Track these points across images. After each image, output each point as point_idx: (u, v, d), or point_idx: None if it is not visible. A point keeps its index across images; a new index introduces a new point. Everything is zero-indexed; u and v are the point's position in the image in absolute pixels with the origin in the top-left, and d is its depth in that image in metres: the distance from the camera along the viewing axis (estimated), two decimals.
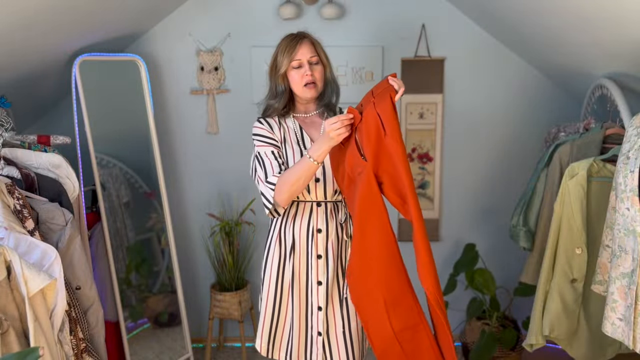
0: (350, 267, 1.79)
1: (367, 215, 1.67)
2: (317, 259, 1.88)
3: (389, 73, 2.90)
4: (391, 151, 1.56)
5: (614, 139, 2.12)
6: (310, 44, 1.83)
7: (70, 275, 1.79)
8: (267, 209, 1.82)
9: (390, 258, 1.71)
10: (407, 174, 1.54)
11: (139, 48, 2.88)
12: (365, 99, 1.67)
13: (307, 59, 1.81)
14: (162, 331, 2.86)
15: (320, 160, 1.67)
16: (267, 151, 1.83)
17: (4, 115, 1.94)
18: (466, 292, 2.97)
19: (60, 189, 1.89)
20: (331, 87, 1.90)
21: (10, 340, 1.34)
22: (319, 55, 1.84)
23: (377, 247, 1.70)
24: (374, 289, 1.72)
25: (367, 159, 1.61)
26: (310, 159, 1.67)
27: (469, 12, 2.82)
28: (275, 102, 1.88)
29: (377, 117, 1.57)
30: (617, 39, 1.93)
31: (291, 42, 1.82)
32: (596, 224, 2.01)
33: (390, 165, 1.60)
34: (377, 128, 1.57)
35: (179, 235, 3.04)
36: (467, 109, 2.96)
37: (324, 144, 1.66)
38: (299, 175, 1.70)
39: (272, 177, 1.78)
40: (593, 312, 2.06)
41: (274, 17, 2.87)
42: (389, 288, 1.72)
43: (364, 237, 1.70)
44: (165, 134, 2.97)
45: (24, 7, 1.72)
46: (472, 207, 3.06)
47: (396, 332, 1.73)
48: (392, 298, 1.72)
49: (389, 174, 1.62)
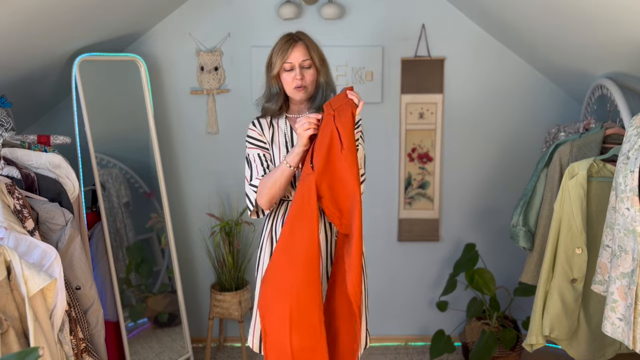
0: (268, 270, 1.78)
1: (300, 221, 1.70)
2: None
3: (389, 73, 2.91)
4: (344, 165, 1.63)
5: (614, 139, 2.12)
6: (304, 47, 1.83)
7: (70, 275, 1.79)
8: (249, 210, 1.88)
9: (309, 271, 1.70)
10: (358, 186, 1.63)
11: (139, 48, 2.88)
12: (325, 110, 1.70)
13: (299, 62, 1.82)
14: (162, 331, 2.85)
15: (293, 164, 1.74)
16: (254, 154, 1.88)
17: (4, 115, 1.94)
18: (466, 292, 2.97)
19: (60, 189, 1.89)
20: (323, 91, 1.90)
21: (10, 340, 1.34)
22: (312, 59, 1.84)
23: (300, 256, 1.70)
24: (284, 295, 1.71)
25: (314, 168, 1.66)
26: (286, 164, 1.74)
27: (469, 12, 2.82)
28: (272, 104, 1.91)
29: (334, 131, 1.64)
30: (617, 39, 1.93)
31: (285, 45, 1.83)
32: (596, 224, 2.01)
33: (335, 179, 1.66)
34: (332, 141, 1.64)
35: (179, 235, 3.04)
36: (467, 109, 2.96)
37: (297, 146, 1.73)
38: (275, 179, 1.76)
39: (255, 179, 1.84)
40: (593, 312, 2.06)
41: (274, 17, 2.87)
42: (299, 300, 1.70)
43: (292, 242, 1.71)
44: (165, 134, 2.97)
45: (24, 7, 1.72)
46: (472, 207, 3.06)
47: (294, 350, 1.72)
48: (298, 311, 1.70)
49: (332, 187, 1.68)
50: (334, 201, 1.70)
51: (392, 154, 2.98)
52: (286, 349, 1.72)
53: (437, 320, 3.11)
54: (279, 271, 1.74)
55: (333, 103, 1.70)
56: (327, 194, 1.69)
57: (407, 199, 3.02)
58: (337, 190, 1.68)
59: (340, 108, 1.67)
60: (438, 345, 2.80)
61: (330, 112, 1.67)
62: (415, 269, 3.10)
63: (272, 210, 1.93)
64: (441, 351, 2.79)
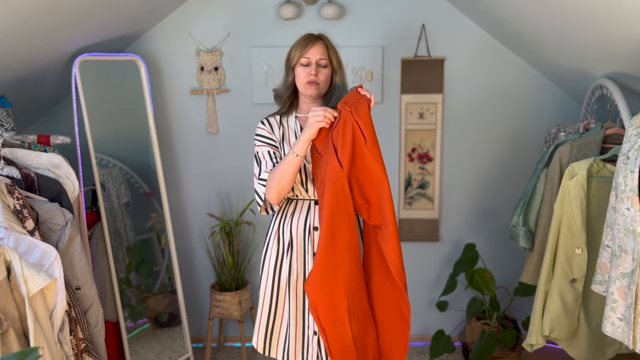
0: (315, 274, 1.78)
1: (339, 220, 1.74)
2: (313, 257, 1.87)
3: (389, 73, 2.91)
4: (370, 158, 1.68)
5: (614, 139, 2.12)
6: (323, 47, 1.88)
7: (70, 275, 1.79)
8: (259, 205, 1.88)
9: (355, 262, 1.80)
10: (385, 175, 1.69)
11: (139, 48, 2.88)
12: (341, 107, 1.73)
13: (316, 59, 1.86)
14: (162, 331, 2.85)
15: (301, 153, 1.74)
16: (264, 151, 1.89)
17: (4, 115, 1.94)
18: (466, 292, 2.97)
19: (60, 189, 1.89)
20: (339, 92, 1.93)
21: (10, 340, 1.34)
22: (329, 59, 1.88)
23: (346, 253, 1.76)
24: (340, 292, 1.77)
25: (342, 165, 1.69)
26: (293, 153, 1.74)
27: (469, 12, 2.82)
28: (286, 92, 1.94)
29: (355, 125, 1.67)
30: (617, 39, 1.93)
31: (305, 40, 1.88)
32: (596, 224, 2.01)
33: (362, 171, 1.71)
34: (355, 136, 1.68)
35: (179, 235, 3.04)
36: (467, 109, 2.96)
37: (304, 134, 1.74)
38: (283, 170, 1.76)
39: (264, 173, 1.85)
40: (593, 312, 2.06)
41: (273, 17, 2.87)
42: (352, 291, 1.80)
43: (334, 242, 1.74)
44: (165, 134, 2.97)
45: (24, 7, 1.72)
46: (472, 207, 3.06)
47: (355, 337, 1.81)
48: (353, 302, 1.80)
49: (359, 181, 1.73)
50: (361, 194, 1.74)
51: (392, 154, 2.98)
52: (349, 339, 1.80)
53: (437, 320, 3.11)
54: (330, 273, 1.76)
55: (348, 100, 1.73)
56: (355, 187, 1.74)
57: (407, 199, 3.02)
58: (365, 182, 1.72)
59: (355, 104, 1.70)
60: (438, 345, 2.80)
61: (347, 109, 1.70)
62: (415, 269, 3.09)
63: (280, 209, 1.93)
64: (441, 351, 2.79)
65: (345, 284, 1.77)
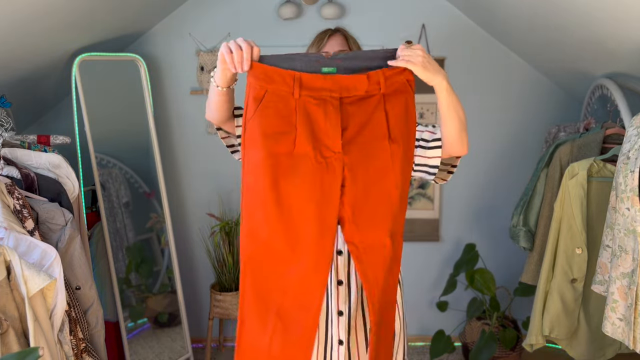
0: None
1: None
2: (337, 286, 1.58)
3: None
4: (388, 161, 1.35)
5: (614, 139, 2.12)
6: (341, 37, 1.69)
7: (70, 275, 1.78)
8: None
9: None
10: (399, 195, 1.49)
11: (139, 48, 2.88)
12: (372, 79, 1.36)
13: (336, 51, 1.66)
14: (162, 331, 2.85)
15: (219, 83, 1.58)
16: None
17: (4, 115, 1.94)
18: (466, 292, 2.97)
19: (60, 189, 1.89)
20: None
21: (10, 340, 1.34)
22: (350, 49, 1.68)
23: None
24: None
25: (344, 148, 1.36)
26: (214, 83, 1.59)
27: (469, 12, 2.82)
28: None
29: (383, 116, 1.37)
30: (616, 39, 1.93)
31: (321, 35, 1.72)
32: (596, 224, 2.01)
33: (371, 178, 1.39)
34: (381, 128, 1.38)
35: (179, 235, 3.04)
36: (467, 108, 2.94)
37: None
38: (209, 99, 1.62)
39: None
40: (593, 312, 2.06)
41: (273, 17, 2.87)
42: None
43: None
44: (165, 134, 2.97)
45: (24, 7, 1.72)
46: (472, 207, 3.06)
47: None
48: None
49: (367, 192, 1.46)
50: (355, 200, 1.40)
51: None
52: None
53: (437, 321, 3.11)
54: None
55: (388, 76, 1.39)
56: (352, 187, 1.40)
57: (407, 199, 3.02)
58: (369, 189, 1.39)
59: (394, 84, 1.40)
60: (438, 345, 2.80)
61: (377, 88, 1.37)
62: (415, 269, 3.09)
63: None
64: (441, 351, 2.79)
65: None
